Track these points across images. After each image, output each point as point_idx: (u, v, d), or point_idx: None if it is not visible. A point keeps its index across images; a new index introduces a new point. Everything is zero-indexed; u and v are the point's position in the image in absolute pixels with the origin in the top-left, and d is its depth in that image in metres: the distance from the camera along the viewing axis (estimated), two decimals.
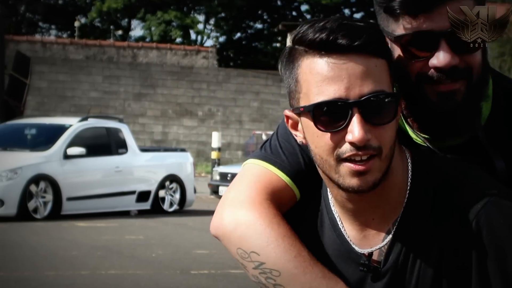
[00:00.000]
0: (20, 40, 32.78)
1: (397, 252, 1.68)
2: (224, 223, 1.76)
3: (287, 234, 1.69)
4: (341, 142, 1.60)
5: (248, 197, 1.75)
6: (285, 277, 1.65)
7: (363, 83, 1.59)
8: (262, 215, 1.71)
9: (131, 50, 33.89)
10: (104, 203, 15.85)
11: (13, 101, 27.63)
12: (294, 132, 1.71)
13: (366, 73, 1.59)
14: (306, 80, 1.63)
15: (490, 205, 1.64)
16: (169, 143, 30.97)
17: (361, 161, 1.60)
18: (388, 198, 1.68)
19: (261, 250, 1.68)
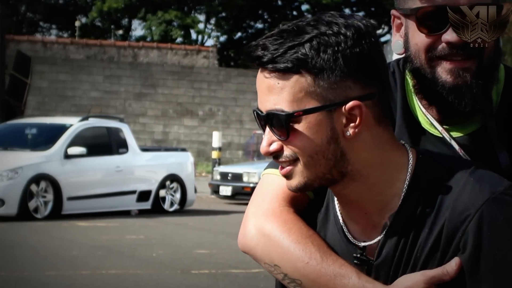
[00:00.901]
0: (20, 39, 32.78)
1: (391, 246, 1.71)
2: (247, 239, 1.81)
3: (298, 240, 1.73)
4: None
5: (263, 208, 1.80)
6: (306, 283, 1.72)
7: (267, 99, 1.68)
8: (275, 226, 1.76)
9: (132, 50, 33.89)
10: (105, 202, 15.85)
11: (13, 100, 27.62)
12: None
13: (268, 90, 1.68)
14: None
15: (492, 201, 1.64)
16: (169, 143, 30.98)
17: (282, 168, 1.71)
18: (371, 196, 1.71)
19: (280, 262, 1.75)
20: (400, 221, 1.70)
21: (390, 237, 1.71)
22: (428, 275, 1.66)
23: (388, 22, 44.80)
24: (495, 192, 1.66)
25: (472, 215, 1.64)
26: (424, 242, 1.68)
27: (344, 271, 1.70)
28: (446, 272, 1.65)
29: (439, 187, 1.69)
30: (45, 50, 32.59)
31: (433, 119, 1.84)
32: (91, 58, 32.91)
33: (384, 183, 1.71)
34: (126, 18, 46.70)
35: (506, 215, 1.64)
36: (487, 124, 1.81)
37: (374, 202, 1.71)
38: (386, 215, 1.72)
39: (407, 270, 1.70)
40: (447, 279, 1.65)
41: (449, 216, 1.67)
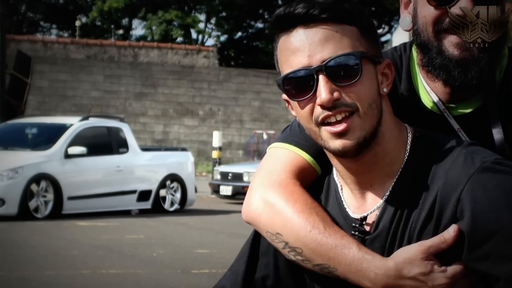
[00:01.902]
0: (21, 39, 32.78)
1: (388, 219, 1.73)
2: (252, 209, 1.84)
3: (302, 210, 1.76)
4: (315, 107, 1.70)
5: (270, 180, 1.83)
6: (307, 252, 1.74)
7: (324, 48, 1.68)
8: (280, 196, 1.79)
9: (132, 49, 33.89)
10: (105, 202, 15.85)
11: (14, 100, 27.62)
12: (292, 113, 1.80)
13: (325, 39, 1.68)
14: (279, 59, 1.75)
15: (483, 169, 1.67)
16: (170, 143, 30.98)
17: (337, 122, 1.68)
18: (383, 164, 1.74)
19: (282, 230, 1.77)
20: (397, 195, 1.73)
21: (387, 210, 1.73)
22: (425, 245, 1.67)
23: (388, 22, 44.83)
24: (486, 162, 1.69)
25: (464, 183, 1.66)
26: (418, 214, 1.70)
27: (345, 241, 1.72)
28: (444, 239, 1.67)
29: (433, 161, 1.72)
30: (45, 50, 32.59)
31: (435, 97, 1.85)
32: (91, 58, 32.91)
33: (393, 153, 1.74)
34: (127, 18, 46.70)
35: (498, 181, 1.65)
36: (487, 102, 1.82)
37: (381, 173, 1.74)
38: (386, 188, 1.74)
39: (403, 242, 1.72)
40: (445, 247, 1.66)
41: (442, 186, 1.69)
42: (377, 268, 1.68)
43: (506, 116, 1.82)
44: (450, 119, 1.84)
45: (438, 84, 1.84)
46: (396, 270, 1.67)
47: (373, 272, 1.68)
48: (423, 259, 1.66)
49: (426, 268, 1.66)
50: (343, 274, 1.72)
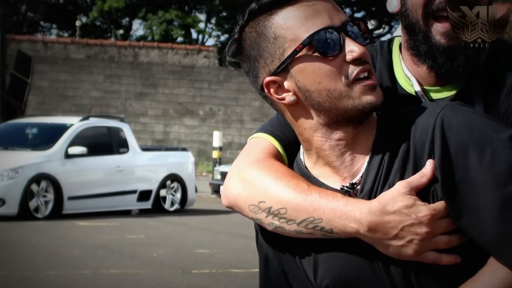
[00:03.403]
0: (21, 39, 32.78)
1: (371, 179, 1.76)
2: (231, 191, 1.85)
3: (284, 175, 1.79)
4: (343, 66, 1.73)
5: (247, 161, 1.86)
6: (291, 209, 1.75)
7: (338, 13, 1.75)
8: (260, 170, 1.82)
9: (132, 49, 33.89)
10: (105, 202, 15.86)
11: (14, 100, 27.62)
12: (280, 96, 1.80)
13: (335, 7, 1.77)
14: (288, 28, 1.74)
15: (448, 108, 1.72)
16: (170, 143, 30.98)
17: (367, 77, 1.73)
18: (364, 130, 1.79)
19: (265, 196, 1.78)
20: (377, 157, 1.76)
21: (370, 174, 1.76)
22: (406, 181, 1.71)
23: (388, 22, 44.80)
24: (449, 102, 1.75)
25: (433, 124, 1.70)
26: (397, 169, 1.74)
27: (329, 193, 1.75)
28: (423, 174, 1.71)
29: (403, 120, 1.76)
30: (45, 50, 32.59)
31: (414, 80, 1.87)
32: (91, 58, 32.91)
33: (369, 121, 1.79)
34: (127, 18, 46.70)
35: (464, 118, 1.70)
36: (470, 84, 1.84)
37: (361, 144, 1.78)
38: (365, 158, 1.78)
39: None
40: (425, 181, 1.70)
41: (414, 136, 1.73)
42: (361, 207, 1.71)
43: (488, 98, 1.83)
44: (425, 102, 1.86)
45: (422, 69, 1.86)
46: (380, 206, 1.69)
47: (358, 212, 1.70)
48: (406, 194, 1.69)
49: (409, 201, 1.68)
50: (328, 223, 1.72)
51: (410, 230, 1.68)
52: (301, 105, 1.78)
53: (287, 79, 1.77)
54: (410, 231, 1.68)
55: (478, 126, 1.68)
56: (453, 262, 1.70)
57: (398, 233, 1.69)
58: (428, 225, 1.67)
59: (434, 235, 1.68)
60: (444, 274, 1.72)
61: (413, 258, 1.69)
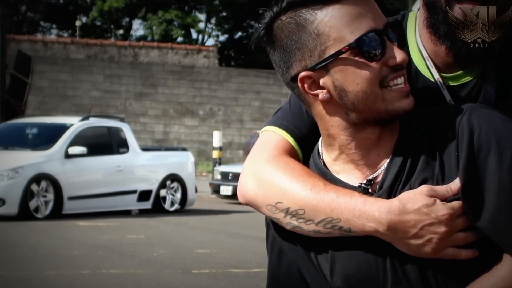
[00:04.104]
0: (21, 39, 32.78)
1: (392, 176, 1.77)
2: (248, 189, 1.86)
3: (300, 174, 1.79)
4: (382, 70, 1.73)
5: (261, 158, 1.86)
6: (309, 210, 1.76)
7: (380, 14, 1.75)
8: (275, 168, 1.82)
9: (132, 49, 33.89)
10: (105, 202, 15.85)
11: (14, 100, 27.65)
12: (314, 92, 1.78)
13: (377, 7, 1.76)
14: (332, 27, 1.73)
15: (472, 109, 1.74)
16: (170, 143, 30.98)
17: (404, 83, 1.75)
18: (388, 130, 1.79)
19: (282, 197, 1.78)
20: (400, 151, 1.77)
21: (391, 170, 1.77)
22: (431, 187, 1.72)
23: None
24: (472, 105, 1.77)
25: (457, 127, 1.72)
26: (419, 171, 1.75)
27: (347, 191, 1.76)
28: (449, 189, 1.72)
29: (426, 121, 1.77)
30: (45, 50, 32.59)
31: (432, 67, 1.86)
32: (91, 58, 32.91)
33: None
34: (127, 18, 46.71)
35: (485, 120, 1.72)
36: (486, 66, 1.83)
37: (385, 142, 1.79)
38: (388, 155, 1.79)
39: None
40: (449, 196, 1.71)
41: (436, 137, 1.75)
42: (381, 206, 1.72)
43: (501, 83, 1.83)
44: (444, 90, 1.85)
45: (441, 49, 1.85)
46: (400, 205, 1.70)
47: (377, 211, 1.71)
48: (426, 195, 1.71)
49: (429, 201, 1.70)
50: (346, 222, 1.73)
51: (430, 229, 1.70)
52: (334, 102, 1.77)
53: (324, 77, 1.76)
54: (430, 230, 1.70)
55: (499, 130, 1.70)
56: (471, 256, 1.72)
57: (418, 232, 1.70)
58: (447, 224, 1.69)
59: (453, 233, 1.70)
60: (461, 270, 1.74)
61: (432, 256, 1.71)
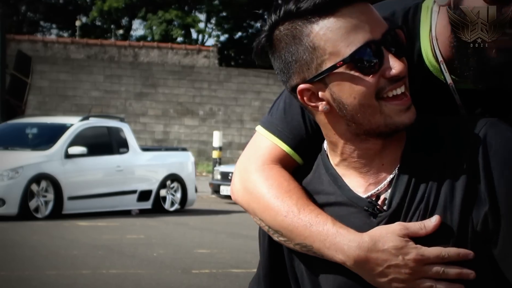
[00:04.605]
0: (21, 39, 32.78)
1: (400, 194, 1.74)
2: (236, 195, 1.91)
3: (276, 195, 1.81)
4: (380, 81, 1.70)
5: (249, 165, 1.88)
6: (286, 233, 1.79)
7: (379, 23, 1.72)
8: (256, 182, 1.85)
9: (132, 49, 33.89)
10: (105, 202, 15.86)
11: (14, 100, 27.64)
12: (313, 104, 1.76)
13: (376, 16, 1.72)
14: (327, 40, 1.70)
15: (489, 125, 1.70)
16: (170, 143, 30.98)
17: (402, 94, 1.70)
18: (393, 140, 1.76)
19: (262, 216, 1.83)
20: (407, 166, 1.75)
21: (398, 187, 1.74)
22: (404, 225, 1.69)
23: None
24: (490, 120, 1.72)
25: (473, 143, 1.69)
26: (430, 188, 1.72)
27: (320, 219, 1.75)
28: (423, 226, 1.69)
29: (436, 133, 1.75)
30: (45, 50, 32.59)
31: (445, 70, 1.81)
32: (91, 58, 32.92)
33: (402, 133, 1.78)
34: (127, 18, 46.72)
35: (502, 138, 1.69)
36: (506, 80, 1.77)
37: (390, 153, 1.77)
38: (393, 167, 1.76)
39: (421, 215, 1.72)
40: (423, 233, 1.68)
41: (448, 152, 1.72)
42: (351, 240, 1.70)
43: None
44: (455, 95, 1.81)
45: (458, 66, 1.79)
46: (370, 243, 1.69)
47: (346, 245, 1.70)
48: (399, 236, 1.68)
49: (400, 243, 1.67)
50: (318, 250, 1.75)
51: (395, 270, 1.68)
52: (334, 113, 1.75)
53: (322, 89, 1.74)
54: (395, 270, 1.68)
55: None
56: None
57: (383, 270, 1.69)
58: (412, 268, 1.67)
59: (420, 277, 1.67)
60: None
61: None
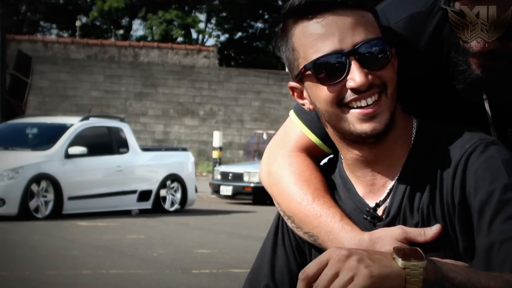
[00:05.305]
0: (21, 39, 32.78)
1: (398, 203, 1.76)
2: (261, 177, 1.97)
3: (295, 182, 1.85)
4: (343, 90, 1.71)
5: (275, 151, 1.93)
6: (297, 220, 1.84)
7: (354, 33, 1.70)
8: (279, 168, 1.90)
9: (132, 49, 33.89)
10: (105, 202, 15.86)
11: (14, 100, 27.62)
12: (301, 102, 1.82)
13: (355, 24, 1.71)
14: (301, 44, 1.74)
15: (478, 144, 1.70)
16: (170, 143, 30.98)
17: (367, 105, 1.70)
18: (393, 150, 1.77)
19: (279, 201, 1.88)
20: (405, 181, 1.76)
21: (396, 197, 1.76)
22: (404, 229, 1.71)
23: None
24: (484, 140, 1.72)
25: (458, 159, 1.70)
26: (425, 198, 1.73)
27: (330, 211, 1.79)
28: (423, 233, 1.70)
29: (439, 147, 1.75)
30: (45, 50, 32.59)
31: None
32: (91, 58, 32.92)
33: (401, 140, 1.78)
34: (127, 18, 46.72)
35: (486, 158, 1.68)
36: None
37: (386, 163, 1.77)
38: (394, 173, 1.78)
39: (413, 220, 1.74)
40: (421, 240, 1.69)
41: (442, 165, 1.72)
42: (352, 238, 1.73)
43: None
44: (488, 112, 1.80)
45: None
46: (369, 243, 1.70)
47: (347, 241, 1.73)
48: (397, 240, 1.69)
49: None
50: (323, 242, 1.78)
51: None
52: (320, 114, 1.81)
53: (304, 90, 1.79)
54: None
55: (496, 170, 1.67)
56: None
57: None
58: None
59: None
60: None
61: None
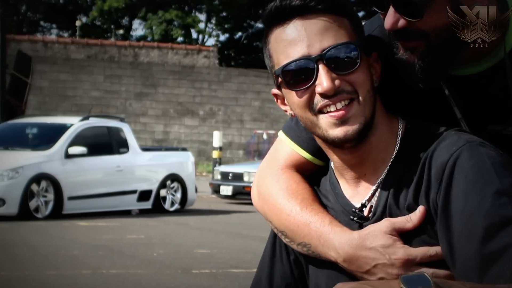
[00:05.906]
0: (21, 39, 32.78)
1: (383, 203, 1.76)
2: (253, 199, 1.98)
3: (283, 196, 1.86)
4: (313, 96, 1.72)
5: (265, 171, 1.95)
6: (289, 233, 1.84)
7: (323, 38, 1.71)
8: (268, 186, 1.91)
9: (132, 49, 33.89)
10: (105, 202, 15.86)
11: (14, 100, 27.65)
12: (284, 108, 1.84)
13: (324, 29, 1.72)
14: (275, 51, 1.76)
15: (466, 147, 1.68)
16: (170, 143, 30.98)
17: (337, 110, 1.71)
18: (376, 155, 1.77)
19: (271, 217, 1.89)
20: (390, 181, 1.76)
21: (382, 197, 1.76)
22: (391, 221, 1.71)
23: None
24: (472, 142, 1.70)
25: (445, 162, 1.68)
26: (409, 197, 1.72)
27: (319, 217, 1.79)
28: (410, 219, 1.70)
29: (425, 148, 1.73)
30: (45, 50, 32.59)
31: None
32: (91, 58, 32.92)
33: (385, 143, 1.77)
34: (127, 18, 46.71)
35: (476, 161, 1.66)
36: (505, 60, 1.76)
37: (375, 163, 1.77)
38: (379, 175, 1.78)
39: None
40: (410, 226, 1.69)
41: (428, 168, 1.70)
42: (341, 238, 1.73)
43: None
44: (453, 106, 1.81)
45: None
46: (359, 240, 1.71)
47: (337, 242, 1.73)
48: (387, 233, 1.69)
49: (387, 241, 1.69)
50: (315, 249, 1.78)
51: (382, 269, 1.69)
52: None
53: (284, 95, 1.81)
54: (382, 270, 1.69)
55: (487, 173, 1.64)
56: None
57: (371, 269, 1.70)
58: (399, 268, 1.67)
59: None
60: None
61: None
